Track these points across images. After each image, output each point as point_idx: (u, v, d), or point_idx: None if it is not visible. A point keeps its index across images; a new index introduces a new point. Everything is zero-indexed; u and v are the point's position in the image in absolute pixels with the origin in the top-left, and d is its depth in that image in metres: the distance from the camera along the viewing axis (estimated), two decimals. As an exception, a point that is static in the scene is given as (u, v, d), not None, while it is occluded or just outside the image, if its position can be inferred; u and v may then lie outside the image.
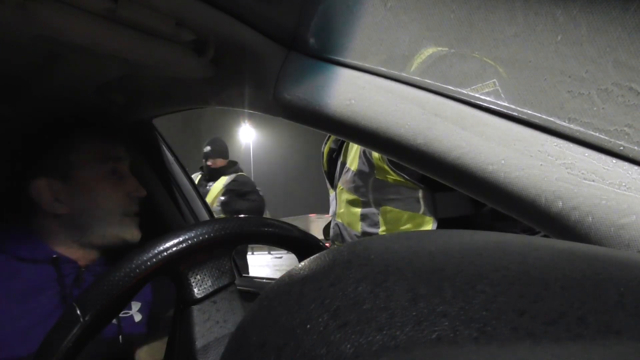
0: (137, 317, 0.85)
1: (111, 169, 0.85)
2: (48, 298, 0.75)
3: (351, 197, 1.12)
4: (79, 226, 0.81)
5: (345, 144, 1.20)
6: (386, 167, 0.99)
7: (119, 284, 0.40)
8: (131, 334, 0.82)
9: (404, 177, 0.98)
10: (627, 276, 0.14)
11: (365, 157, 1.06)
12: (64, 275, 0.78)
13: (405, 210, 1.00)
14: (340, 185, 1.18)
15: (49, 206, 0.79)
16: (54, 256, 0.78)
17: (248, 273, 2.57)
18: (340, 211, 1.17)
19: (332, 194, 1.27)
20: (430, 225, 0.97)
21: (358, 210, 1.10)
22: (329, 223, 1.25)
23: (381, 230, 1.05)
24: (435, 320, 0.13)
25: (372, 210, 1.07)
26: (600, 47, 0.32)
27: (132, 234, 0.85)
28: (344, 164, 1.18)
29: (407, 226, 1.00)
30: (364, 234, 1.09)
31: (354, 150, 1.13)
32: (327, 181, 1.31)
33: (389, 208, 1.03)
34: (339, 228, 1.18)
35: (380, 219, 1.05)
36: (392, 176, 1.00)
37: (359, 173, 1.08)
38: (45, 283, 0.76)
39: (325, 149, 1.28)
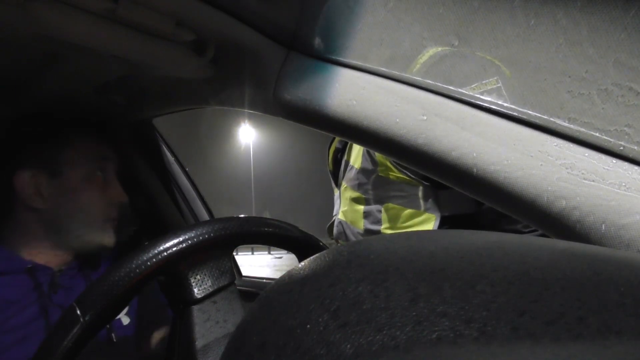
0: (125, 321, 0.84)
1: (99, 168, 0.84)
2: (27, 309, 0.74)
3: (354, 194, 1.13)
4: (57, 225, 0.80)
5: (349, 143, 1.21)
6: (389, 164, 1.00)
7: (119, 284, 0.40)
8: (119, 337, 0.81)
9: (407, 175, 0.98)
10: (627, 276, 0.14)
11: (368, 155, 1.06)
12: (41, 283, 0.76)
13: (408, 208, 1.01)
14: (344, 183, 1.19)
15: (29, 199, 0.78)
16: (29, 266, 0.76)
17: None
18: (344, 209, 1.18)
19: (336, 193, 1.27)
20: (433, 222, 0.97)
21: (361, 207, 1.11)
22: (333, 222, 1.26)
23: (384, 227, 1.05)
24: (435, 320, 0.13)
25: (375, 207, 1.07)
26: (600, 48, 0.32)
27: (110, 239, 0.84)
28: (347, 162, 1.19)
29: (410, 223, 1.01)
30: (367, 231, 1.09)
31: (358, 148, 1.13)
32: (332, 181, 1.31)
33: (391, 205, 1.03)
34: (342, 226, 1.18)
35: (383, 216, 1.05)
36: (395, 173, 1.00)
37: (363, 171, 1.09)
38: (21, 294, 0.74)
39: (331, 149, 1.29)
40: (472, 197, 0.43)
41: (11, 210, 0.80)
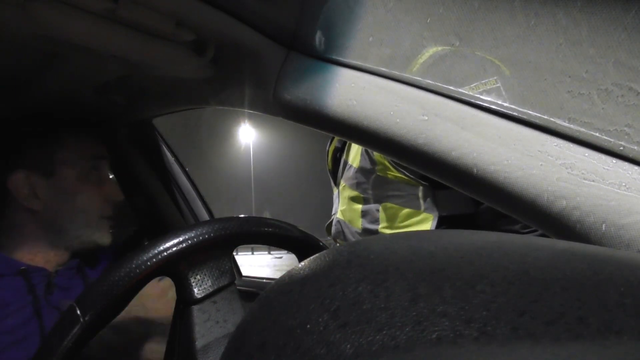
0: None
1: (93, 167, 0.84)
2: (20, 311, 0.73)
3: (353, 193, 1.13)
4: (53, 225, 0.80)
5: (348, 142, 1.21)
6: (387, 163, 1.00)
7: (119, 284, 0.40)
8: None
9: (405, 174, 0.98)
10: (627, 276, 0.14)
11: (367, 154, 1.06)
12: (35, 285, 0.76)
13: (406, 207, 1.01)
14: (342, 182, 1.19)
15: (25, 200, 0.78)
16: (22, 267, 0.76)
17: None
18: (343, 208, 1.18)
19: (335, 192, 1.27)
20: (430, 222, 0.97)
21: (359, 206, 1.11)
22: (332, 221, 1.26)
23: (381, 226, 1.05)
24: (435, 320, 0.13)
25: (373, 206, 1.07)
26: (600, 48, 0.32)
27: (105, 237, 0.85)
28: (346, 161, 1.19)
29: (407, 222, 1.01)
30: (365, 230, 1.10)
31: (357, 148, 1.13)
32: (331, 180, 1.31)
33: (389, 204, 1.03)
34: (341, 225, 1.18)
35: (381, 215, 1.05)
36: (393, 173, 1.00)
37: (361, 170, 1.09)
38: (15, 296, 0.74)
39: (330, 148, 1.29)
40: (470, 197, 0.43)
41: (6, 211, 0.80)
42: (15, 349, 0.71)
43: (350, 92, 0.49)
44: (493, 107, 0.39)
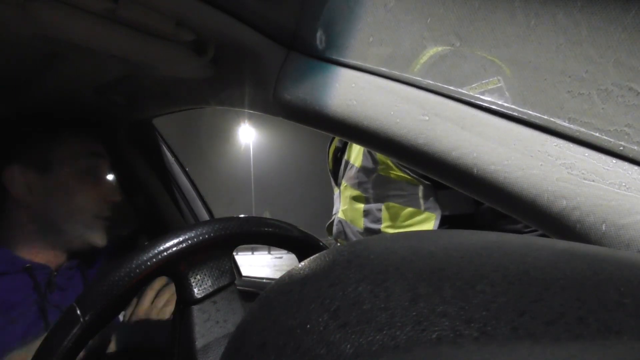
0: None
1: (91, 166, 0.83)
2: (28, 307, 0.73)
3: (354, 193, 1.13)
4: (48, 222, 0.79)
5: (349, 142, 1.21)
6: (390, 163, 1.00)
7: (119, 284, 0.40)
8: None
9: (407, 174, 0.98)
10: (627, 276, 0.14)
11: (369, 154, 1.06)
12: (40, 283, 0.76)
13: (408, 207, 1.01)
14: (344, 182, 1.19)
15: (20, 196, 0.77)
16: (27, 265, 0.76)
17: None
18: (344, 208, 1.18)
19: (336, 192, 1.27)
20: (433, 221, 0.97)
21: (361, 206, 1.11)
22: (333, 220, 1.26)
23: (384, 226, 1.05)
24: (435, 320, 0.13)
25: (374, 206, 1.07)
26: (600, 48, 0.32)
27: (100, 237, 0.83)
28: (347, 161, 1.19)
29: (410, 222, 1.01)
30: (367, 230, 1.09)
31: (358, 147, 1.13)
32: (331, 180, 1.31)
33: (391, 204, 1.03)
34: (342, 225, 1.18)
35: (383, 214, 1.05)
36: (396, 172, 1.00)
37: (363, 169, 1.09)
38: (23, 295, 0.74)
39: (331, 148, 1.29)
40: (471, 197, 0.43)
41: (5, 209, 0.80)
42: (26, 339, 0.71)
43: (350, 92, 0.49)
44: (493, 107, 0.39)
